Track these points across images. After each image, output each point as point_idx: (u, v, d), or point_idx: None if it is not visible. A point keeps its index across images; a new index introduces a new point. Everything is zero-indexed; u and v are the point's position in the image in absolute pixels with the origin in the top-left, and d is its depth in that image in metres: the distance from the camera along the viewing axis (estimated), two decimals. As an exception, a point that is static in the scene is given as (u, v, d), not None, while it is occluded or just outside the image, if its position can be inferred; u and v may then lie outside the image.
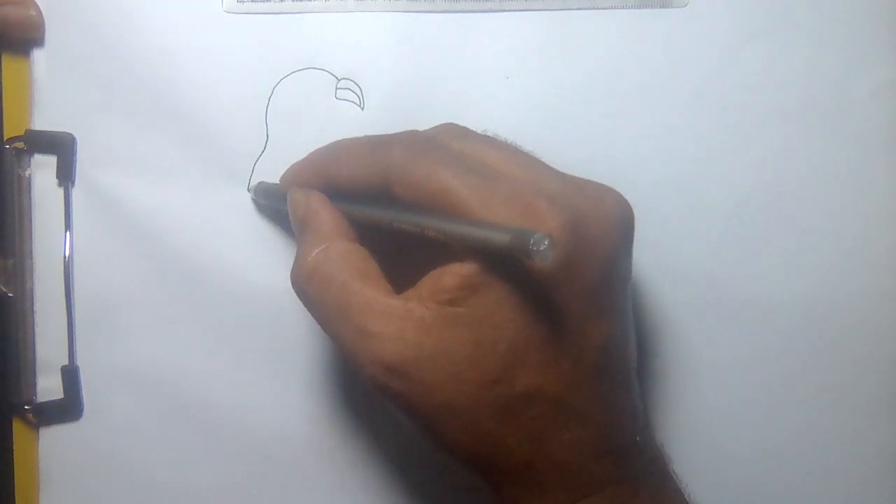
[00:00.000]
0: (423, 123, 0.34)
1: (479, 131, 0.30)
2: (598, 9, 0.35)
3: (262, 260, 0.35)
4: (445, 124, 0.31)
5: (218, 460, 0.35)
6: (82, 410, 0.35)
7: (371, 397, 0.35)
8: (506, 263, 0.25)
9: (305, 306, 0.29)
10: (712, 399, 0.35)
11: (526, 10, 0.35)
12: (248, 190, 0.34)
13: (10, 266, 0.34)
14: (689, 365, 0.35)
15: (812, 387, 0.35)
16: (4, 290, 0.34)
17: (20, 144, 0.34)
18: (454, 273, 0.26)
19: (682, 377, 0.35)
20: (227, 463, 0.35)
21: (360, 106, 0.35)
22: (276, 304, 0.34)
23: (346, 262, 0.28)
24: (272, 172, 0.34)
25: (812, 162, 0.35)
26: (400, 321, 0.26)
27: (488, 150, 0.28)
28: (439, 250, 0.27)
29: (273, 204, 0.33)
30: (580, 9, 0.35)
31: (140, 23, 0.34)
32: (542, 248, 0.22)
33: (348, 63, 0.35)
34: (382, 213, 0.28)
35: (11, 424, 0.35)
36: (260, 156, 0.35)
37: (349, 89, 0.35)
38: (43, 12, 0.34)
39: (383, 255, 0.29)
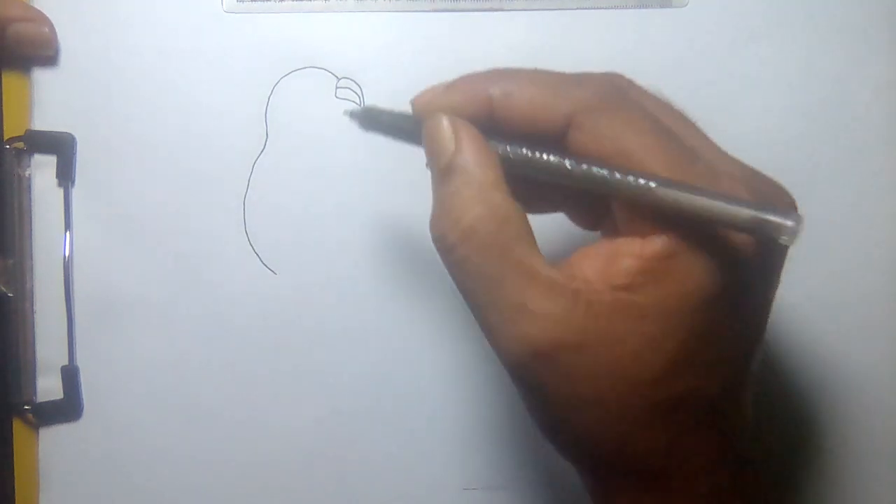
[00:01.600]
0: (423, 123, 0.34)
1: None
2: (598, 9, 0.35)
3: (262, 259, 0.35)
4: (616, 73, 0.26)
5: (218, 460, 0.35)
6: (82, 410, 0.35)
7: (371, 397, 0.35)
8: (694, 252, 0.22)
9: (450, 267, 0.25)
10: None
11: (526, 10, 0.35)
12: (346, 113, 0.28)
13: (10, 266, 0.34)
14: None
15: (812, 386, 0.35)
16: (4, 290, 0.34)
17: (20, 144, 0.34)
18: (634, 254, 0.23)
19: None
20: (227, 463, 0.35)
21: (360, 105, 0.35)
22: (276, 304, 0.34)
23: (509, 223, 0.24)
24: (272, 172, 0.34)
25: (812, 162, 0.35)
26: (566, 301, 0.23)
27: (673, 116, 0.25)
28: (601, 213, 0.24)
29: (383, 131, 0.28)
30: (580, 9, 0.35)
31: (140, 23, 0.34)
32: (791, 225, 0.20)
33: (348, 63, 0.35)
34: (556, 158, 0.24)
35: (11, 424, 0.35)
36: (259, 155, 0.35)
37: (349, 89, 0.35)
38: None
39: (529, 207, 0.25)
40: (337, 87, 0.35)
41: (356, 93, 0.35)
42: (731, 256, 0.23)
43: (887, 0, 0.35)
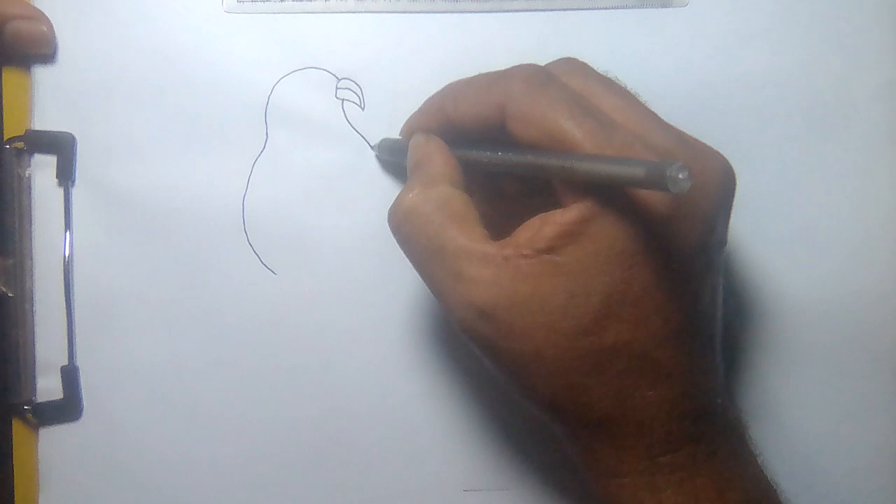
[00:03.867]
0: (423, 123, 0.34)
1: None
2: (598, 9, 0.35)
3: (262, 259, 0.35)
4: (565, 59, 0.30)
5: (217, 460, 0.35)
6: (82, 410, 0.35)
7: (371, 397, 0.35)
8: (607, 214, 0.25)
9: (400, 244, 0.29)
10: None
11: (526, 10, 0.35)
12: (372, 148, 0.34)
13: (10, 266, 0.34)
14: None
15: (811, 386, 0.35)
16: (4, 290, 0.34)
17: (20, 144, 0.34)
18: (554, 222, 0.26)
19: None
20: (227, 462, 0.35)
21: (360, 106, 0.35)
22: (276, 304, 0.34)
23: (447, 205, 0.28)
24: (272, 172, 0.34)
25: (812, 162, 0.35)
26: (495, 267, 0.26)
27: (606, 93, 0.28)
28: (541, 202, 0.27)
29: (396, 159, 0.33)
30: (580, 9, 0.35)
31: (140, 23, 0.34)
32: (681, 177, 0.22)
33: (348, 63, 0.35)
34: (495, 153, 0.28)
35: (11, 424, 0.35)
36: (259, 155, 0.35)
37: (349, 89, 0.35)
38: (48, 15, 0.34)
39: (491, 205, 0.30)
40: (337, 87, 0.35)
41: (356, 93, 0.35)
42: (643, 217, 0.25)
43: (887, 0, 0.35)
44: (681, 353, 0.27)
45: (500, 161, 0.28)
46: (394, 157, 0.34)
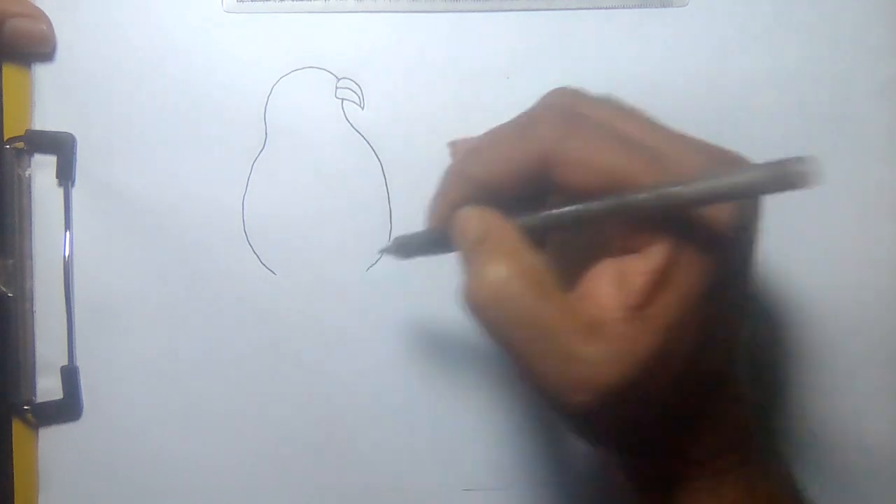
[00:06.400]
0: (424, 123, 0.34)
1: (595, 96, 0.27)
2: (598, 9, 0.35)
3: (261, 259, 0.35)
4: (561, 90, 0.27)
5: (217, 460, 0.35)
6: (82, 410, 0.35)
7: (370, 397, 0.35)
8: (686, 251, 0.24)
9: (488, 330, 0.26)
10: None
11: (526, 10, 0.35)
12: (380, 252, 0.33)
13: (10, 266, 0.34)
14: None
15: (810, 385, 0.35)
16: (4, 290, 0.34)
17: (20, 144, 0.34)
18: (640, 272, 0.24)
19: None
20: (227, 462, 0.35)
21: (360, 105, 0.35)
22: (276, 304, 0.34)
23: (534, 279, 0.25)
24: (271, 172, 0.34)
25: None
26: (605, 340, 0.24)
27: (626, 119, 0.26)
28: (586, 251, 0.26)
29: (420, 252, 0.30)
30: (580, 9, 0.35)
31: (140, 23, 0.34)
32: (805, 170, 0.21)
33: (348, 63, 0.35)
34: (564, 207, 0.25)
35: (11, 424, 0.35)
36: (259, 154, 0.35)
37: (349, 89, 0.35)
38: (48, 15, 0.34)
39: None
40: (337, 87, 0.35)
41: (356, 93, 0.35)
42: (713, 244, 0.24)
43: (887, 0, 0.35)
44: (744, 367, 0.27)
45: (571, 214, 0.25)
46: (421, 253, 0.30)
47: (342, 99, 0.35)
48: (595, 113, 0.26)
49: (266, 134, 0.35)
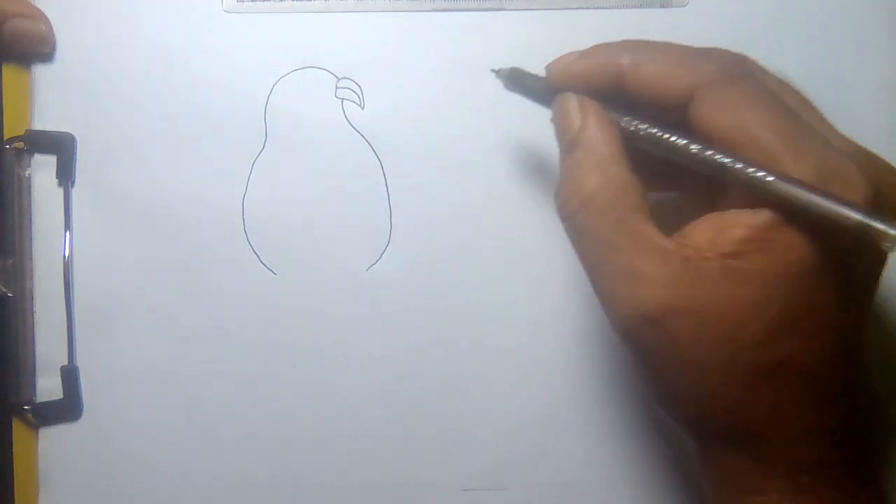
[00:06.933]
0: (423, 123, 0.34)
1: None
2: (598, 9, 0.35)
3: (261, 259, 0.35)
4: (742, 56, 0.27)
5: (217, 460, 0.35)
6: (82, 410, 0.35)
7: (370, 397, 0.35)
8: (798, 222, 0.24)
9: (569, 234, 0.27)
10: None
11: (526, 10, 0.35)
12: (495, 72, 0.31)
13: (10, 266, 0.34)
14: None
15: None
16: (4, 290, 0.34)
17: (20, 144, 0.34)
18: (743, 224, 0.24)
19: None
20: (227, 462, 0.35)
21: (360, 105, 0.35)
22: (276, 304, 0.34)
23: (626, 194, 0.26)
24: (272, 172, 0.34)
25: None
26: (675, 266, 0.24)
27: (791, 94, 0.26)
28: (710, 191, 0.25)
29: (527, 95, 0.30)
30: (580, 9, 0.35)
31: (140, 23, 0.34)
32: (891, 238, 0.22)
33: (348, 63, 0.35)
34: (677, 139, 0.25)
35: (11, 424, 0.35)
36: (259, 154, 0.35)
37: (349, 89, 0.35)
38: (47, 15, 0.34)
39: (645, 182, 0.27)
40: (337, 87, 0.35)
41: (356, 93, 0.35)
42: (832, 229, 0.23)
43: (887, 0, 0.35)
44: (845, 374, 0.26)
45: (675, 148, 0.26)
46: (524, 94, 0.30)
47: (342, 99, 0.35)
48: (765, 78, 0.26)
49: (266, 134, 0.35)
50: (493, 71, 0.31)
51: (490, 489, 0.35)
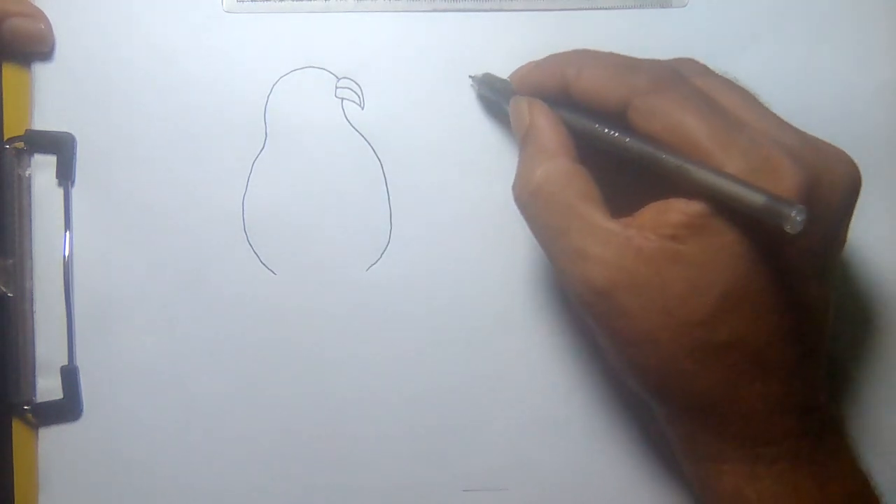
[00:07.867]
0: (424, 123, 0.34)
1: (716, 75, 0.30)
2: (598, 9, 0.35)
3: (261, 259, 0.35)
4: (685, 59, 0.30)
5: (217, 460, 0.35)
6: (82, 410, 0.35)
7: (371, 397, 0.35)
8: (733, 210, 0.25)
9: (526, 221, 0.30)
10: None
11: (526, 10, 0.35)
12: (471, 78, 0.34)
13: (10, 266, 0.34)
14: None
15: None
16: (4, 290, 0.34)
17: (20, 144, 0.34)
18: (680, 210, 0.26)
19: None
20: (227, 463, 0.35)
21: (360, 105, 0.35)
22: (276, 304, 0.34)
23: (571, 182, 0.28)
24: (271, 172, 0.34)
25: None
26: (618, 247, 0.26)
27: (728, 93, 0.28)
28: (658, 181, 0.27)
29: (492, 97, 0.34)
30: (580, 9, 0.35)
31: (140, 23, 0.34)
32: (798, 219, 0.23)
33: (348, 63, 0.35)
34: (614, 134, 0.28)
35: (11, 424, 0.35)
36: (259, 154, 0.35)
37: (349, 88, 0.35)
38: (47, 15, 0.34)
39: (598, 174, 0.29)
40: (337, 87, 0.35)
41: (356, 93, 0.35)
42: (758, 221, 0.25)
43: (887, 0, 0.35)
44: (791, 353, 0.27)
45: (616, 143, 0.28)
46: (493, 96, 0.33)
47: (342, 99, 0.35)
48: (697, 81, 0.28)
49: (266, 134, 0.35)
50: (470, 77, 0.34)
51: (490, 490, 0.35)
